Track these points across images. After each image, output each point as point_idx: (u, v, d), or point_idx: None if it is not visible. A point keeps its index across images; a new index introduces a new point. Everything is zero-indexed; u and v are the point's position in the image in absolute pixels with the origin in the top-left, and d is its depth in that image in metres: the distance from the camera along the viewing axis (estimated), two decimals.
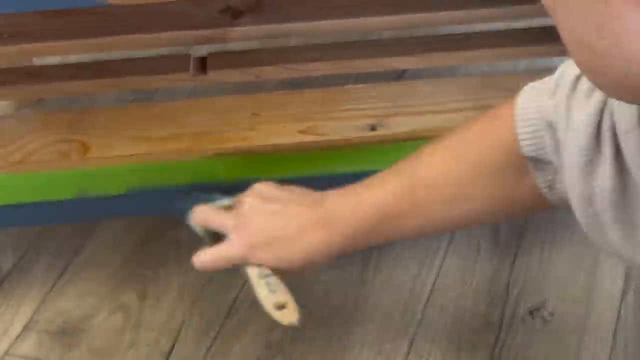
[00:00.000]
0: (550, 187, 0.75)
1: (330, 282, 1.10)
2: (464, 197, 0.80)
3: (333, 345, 1.04)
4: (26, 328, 1.07)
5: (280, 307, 0.85)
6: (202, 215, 0.90)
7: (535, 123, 0.74)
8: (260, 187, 0.89)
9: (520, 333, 1.04)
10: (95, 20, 1.05)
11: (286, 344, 1.03)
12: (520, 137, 0.75)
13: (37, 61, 1.28)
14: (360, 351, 1.03)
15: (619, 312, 1.06)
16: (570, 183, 0.67)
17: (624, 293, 1.08)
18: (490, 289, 1.09)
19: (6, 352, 1.05)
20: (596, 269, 1.10)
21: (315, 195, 0.88)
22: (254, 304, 1.10)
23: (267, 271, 0.86)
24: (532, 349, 1.03)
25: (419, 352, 1.03)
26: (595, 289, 1.08)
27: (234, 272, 1.15)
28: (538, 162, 0.75)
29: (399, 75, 1.31)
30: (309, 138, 1.02)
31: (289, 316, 0.85)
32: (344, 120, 1.03)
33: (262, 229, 0.87)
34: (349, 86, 1.08)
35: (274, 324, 1.07)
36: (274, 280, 0.86)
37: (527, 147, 0.75)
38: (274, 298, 0.85)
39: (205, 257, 0.88)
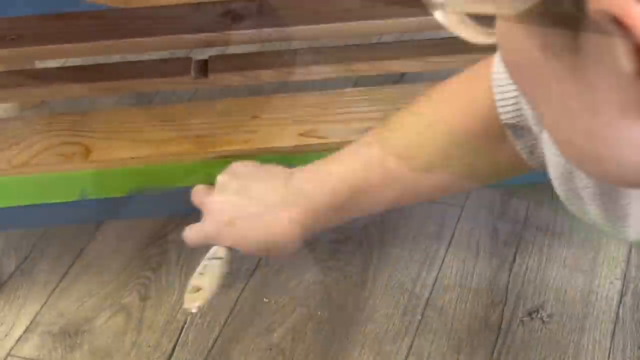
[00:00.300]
0: (532, 152, 0.70)
1: (331, 283, 1.11)
2: (439, 165, 0.75)
3: (333, 346, 1.04)
4: (28, 329, 1.07)
5: (196, 290, 0.82)
6: (192, 194, 0.87)
7: (515, 89, 0.68)
8: (234, 165, 0.85)
9: (519, 334, 1.05)
10: (97, 24, 1.06)
11: (287, 345, 1.04)
12: (499, 104, 0.70)
13: (39, 64, 1.29)
14: (360, 352, 1.04)
15: (617, 313, 1.06)
16: (549, 156, 0.63)
17: (622, 295, 1.08)
18: (490, 291, 1.10)
19: (8, 354, 1.05)
20: (594, 271, 1.11)
21: (285, 172, 0.82)
22: (256, 305, 1.11)
23: (221, 254, 0.82)
24: (531, 350, 1.03)
25: (419, 353, 1.04)
26: (594, 290, 1.09)
27: (236, 274, 1.16)
28: (518, 129, 0.70)
29: (399, 79, 1.32)
30: (309, 141, 1.02)
31: (190, 301, 0.81)
32: (343, 123, 1.03)
33: (225, 208, 0.82)
34: (349, 89, 1.09)
35: (275, 325, 1.08)
36: (215, 263, 0.82)
37: (505, 115, 0.70)
38: (195, 280, 0.82)
39: (187, 232, 0.85)
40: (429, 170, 0.75)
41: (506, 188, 1.19)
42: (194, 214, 0.83)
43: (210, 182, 0.85)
